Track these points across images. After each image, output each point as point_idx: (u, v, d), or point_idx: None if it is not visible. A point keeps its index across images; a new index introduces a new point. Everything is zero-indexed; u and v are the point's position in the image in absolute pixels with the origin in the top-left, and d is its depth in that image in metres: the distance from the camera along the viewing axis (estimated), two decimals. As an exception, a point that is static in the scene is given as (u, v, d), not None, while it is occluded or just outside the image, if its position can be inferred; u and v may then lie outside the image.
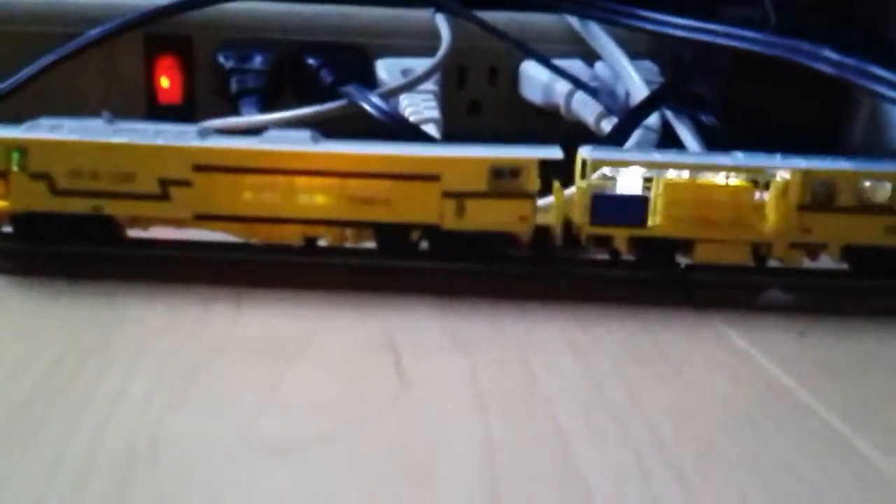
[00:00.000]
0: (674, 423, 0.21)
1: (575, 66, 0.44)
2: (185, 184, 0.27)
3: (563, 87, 0.41)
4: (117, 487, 0.18)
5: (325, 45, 0.43)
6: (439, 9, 0.42)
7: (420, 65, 0.43)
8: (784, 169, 0.27)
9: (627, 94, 0.43)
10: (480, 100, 0.45)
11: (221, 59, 0.42)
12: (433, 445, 0.20)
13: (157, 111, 0.42)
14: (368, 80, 0.42)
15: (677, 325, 0.27)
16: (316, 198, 0.27)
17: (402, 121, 0.37)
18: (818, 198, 0.27)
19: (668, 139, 0.38)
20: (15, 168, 0.27)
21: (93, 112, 0.41)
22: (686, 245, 0.28)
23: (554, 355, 0.24)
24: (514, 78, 0.45)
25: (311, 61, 0.42)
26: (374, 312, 0.27)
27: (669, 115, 0.40)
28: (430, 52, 0.43)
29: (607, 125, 0.39)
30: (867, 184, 0.27)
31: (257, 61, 0.42)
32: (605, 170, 0.27)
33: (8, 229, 0.29)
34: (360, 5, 0.45)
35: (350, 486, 0.18)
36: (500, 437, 0.20)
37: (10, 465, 0.18)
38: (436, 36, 0.43)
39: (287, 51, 0.42)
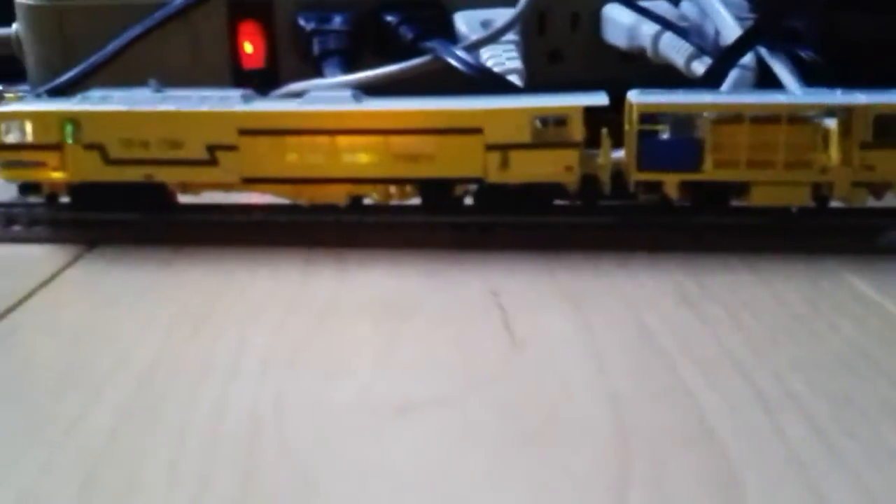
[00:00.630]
0: (804, 375, 0.20)
1: (660, 6, 0.42)
2: (232, 148, 0.27)
3: (649, 28, 0.40)
4: (246, 453, 0.18)
5: (402, 1, 0.42)
6: (518, -43, 0.41)
7: (499, 15, 0.42)
8: (844, 105, 0.26)
9: (717, 33, 0.41)
10: (562, 47, 0.44)
11: (302, 22, 0.41)
12: (555, 406, 0.19)
13: (242, 77, 0.42)
14: (448, 34, 0.42)
15: (792, 272, 0.26)
16: (359, 156, 0.27)
17: (488, 72, 0.36)
18: (881, 134, 0.26)
19: (764, 78, 0.36)
20: (69, 140, 0.28)
21: (182, 82, 0.42)
22: (741, 188, 0.27)
23: (667, 308, 0.24)
24: (596, 22, 0.43)
25: (390, 18, 0.42)
26: (475, 269, 0.27)
27: (764, 52, 0.38)
28: (508, 2, 0.42)
29: (699, 66, 0.38)
30: None
31: (337, 22, 0.41)
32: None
33: (65, 200, 0.29)
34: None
35: (474, 450, 0.18)
36: (623, 396, 0.20)
37: (143, 434, 0.19)
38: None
39: (366, 9, 0.42)
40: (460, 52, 0.36)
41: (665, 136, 0.26)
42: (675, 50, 0.39)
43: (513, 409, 0.19)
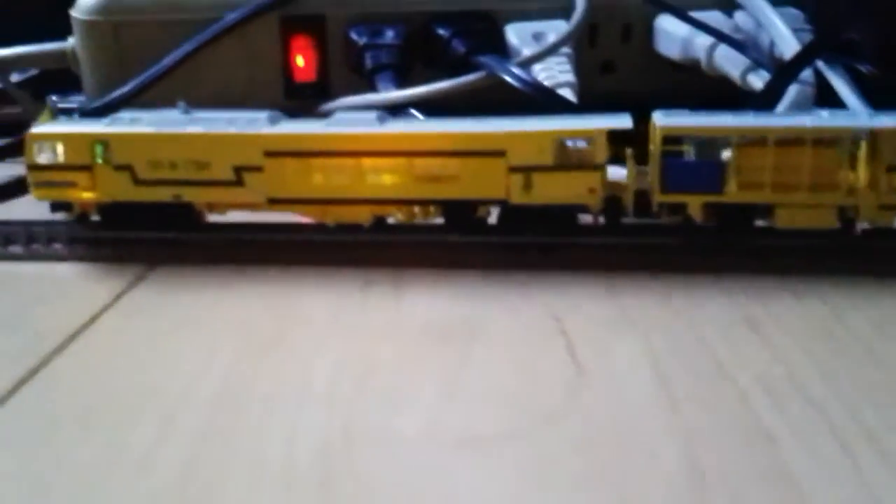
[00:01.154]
0: (876, 406, 0.20)
1: (713, 17, 0.42)
2: (258, 169, 0.28)
3: (703, 41, 0.40)
4: (320, 485, 0.18)
5: (453, 14, 0.42)
6: (571, -31, 0.41)
7: (550, 28, 0.42)
8: (869, 129, 0.26)
9: (772, 44, 0.40)
10: (614, 58, 0.44)
11: (354, 36, 0.42)
12: (625, 440, 0.19)
13: (294, 90, 0.43)
14: (499, 47, 0.42)
15: (859, 297, 0.25)
16: (383, 178, 0.27)
17: (543, 89, 0.36)
18: None
19: (823, 93, 0.36)
20: (99, 161, 0.28)
21: (235, 95, 0.42)
22: (766, 210, 0.27)
23: (733, 334, 0.23)
24: (648, 33, 0.43)
25: (441, 31, 0.42)
26: (535, 291, 0.27)
27: (821, 65, 0.38)
28: (559, 13, 0.42)
29: (755, 79, 0.38)
30: None
31: (389, 35, 0.41)
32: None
33: (96, 219, 0.30)
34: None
35: (544, 485, 0.18)
36: (695, 429, 0.19)
37: (217, 465, 0.19)
38: (565, -4, 0.42)
39: (417, 22, 0.42)
40: (514, 69, 0.36)
41: (688, 158, 0.26)
42: (730, 63, 0.38)
43: (582, 443, 0.19)
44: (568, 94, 0.38)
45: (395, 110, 0.39)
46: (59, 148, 0.29)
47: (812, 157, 0.26)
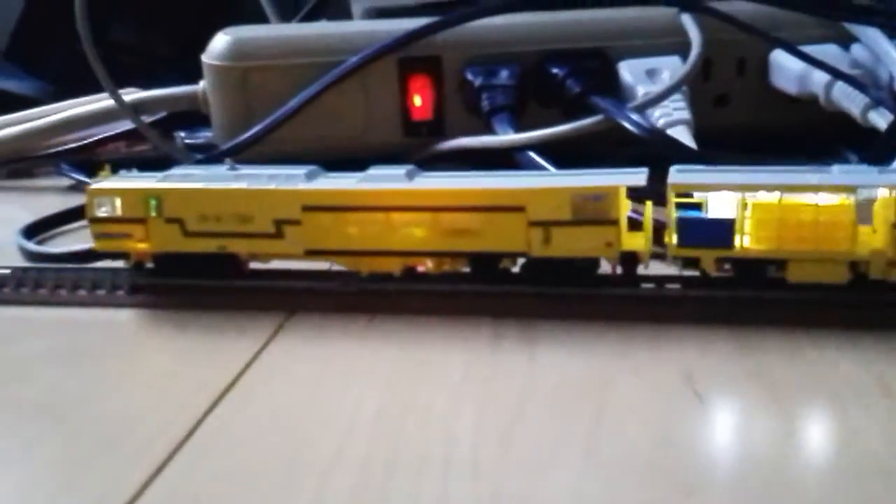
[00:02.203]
0: None
1: (829, 51, 0.42)
2: (296, 223, 0.29)
3: (821, 77, 0.40)
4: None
5: (566, 52, 0.43)
6: (684, 8, 0.41)
7: (664, 64, 0.42)
8: (877, 186, 0.26)
9: (892, 78, 0.40)
10: (728, 92, 0.44)
11: (469, 76, 0.43)
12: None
13: (412, 128, 0.44)
14: (612, 85, 0.42)
15: None
16: (412, 231, 0.29)
17: (660, 135, 0.36)
18: None
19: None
20: (153, 214, 0.30)
21: (355, 134, 0.44)
22: (779, 263, 0.27)
23: (871, 401, 0.24)
24: (763, 67, 0.43)
25: (555, 71, 0.42)
26: (666, 346, 0.27)
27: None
28: (672, 49, 0.42)
29: (876, 117, 0.37)
30: None
31: (503, 75, 0.43)
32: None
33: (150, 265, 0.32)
34: (598, 8, 0.44)
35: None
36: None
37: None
38: (678, 32, 0.42)
39: (531, 61, 0.43)
40: (631, 114, 0.37)
41: (699, 213, 0.27)
42: (850, 100, 0.38)
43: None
44: (683, 132, 0.39)
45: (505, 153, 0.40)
46: (117, 202, 0.31)
47: (819, 213, 0.26)
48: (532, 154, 0.38)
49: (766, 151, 0.44)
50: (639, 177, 0.28)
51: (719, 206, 0.27)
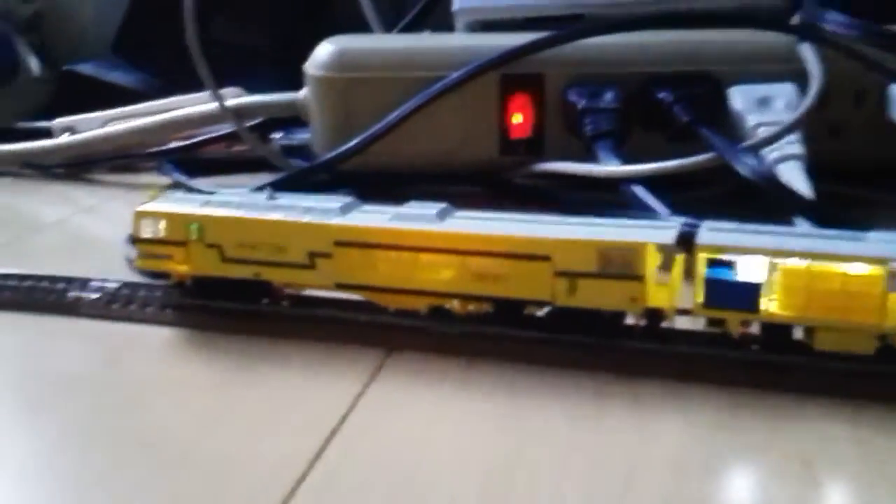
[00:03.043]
0: None
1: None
2: (328, 256, 0.30)
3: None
4: None
5: (673, 75, 0.42)
6: (803, 37, 0.40)
7: (777, 92, 0.41)
8: None
9: None
10: (843, 123, 0.42)
11: (572, 97, 0.42)
12: None
13: (509, 146, 0.44)
14: (720, 110, 0.41)
15: None
16: (440, 272, 0.29)
17: (773, 182, 0.35)
18: None
19: None
20: (194, 238, 0.31)
21: (451, 150, 0.44)
22: (805, 330, 0.27)
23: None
24: (882, 100, 0.41)
25: (661, 95, 0.41)
26: (779, 422, 0.26)
27: None
28: (784, 75, 0.41)
29: None
30: None
31: (607, 98, 0.42)
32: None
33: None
34: (709, 30, 0.43)
35: None
36: None
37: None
38: (793, 59, 0.41)
39: (635, 84, 0.42)
40: (744, 157, 0.35)
41: (728, 274, 0.27)
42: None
43: None
44: (796, 168, 0.37)
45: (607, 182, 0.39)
46: (161, 224, 0.32)
47: (846, 282, 0.26)
48: (638, 190, 0.37)
49: (881, 184, 0.43)
50: (668, 233, 0.27)
51: (749, 267, 0.27)
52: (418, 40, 0.48)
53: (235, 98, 0.48)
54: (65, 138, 0.54)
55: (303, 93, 0.46)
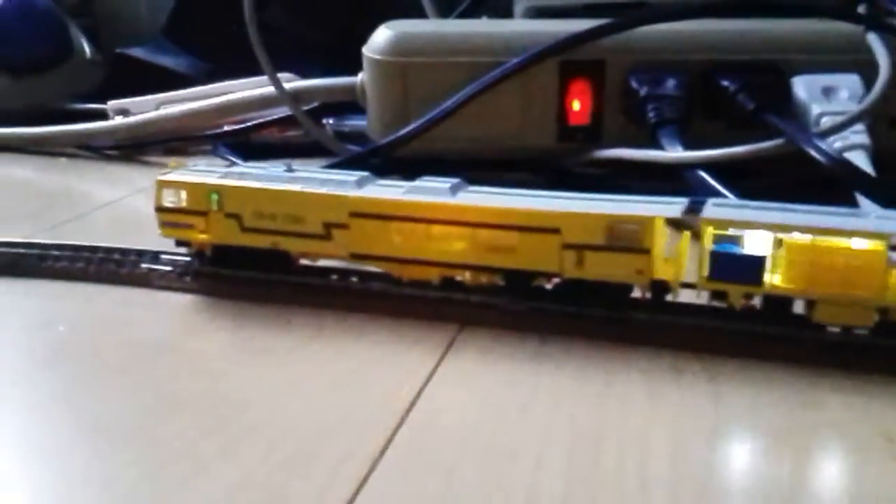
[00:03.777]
0: None
1: None
2: (344, 227, 0.31)
3: None
4: None
5: (737, 63, 0.41)
6: (871, 27, 0.39)
7: (842, 82, 0.40)
8: None
9: None
10: (905, 115, 0.42)
11: (634, 84, 0.42)
12: None
13: (567, 133, 0.44)
14: (786, 102, 0.41)
15: None
16: (452, 243, 0.30)
17: (845, 164, 0.35)
18: None
19: None
20: (214, 208, 0.32)
21: (509, 136, 0.44)
22: (807, 303, 0.27)
23: None
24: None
25: (725, 83, 0.41)
26: (857, 397, 0.26)
27: None
28: (849, 66, 0.40)
29: None
30: None
31: (670, 85, 0.41)
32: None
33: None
34: (774, 18, 0.43)
35: None
36: None
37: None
38: (857, 49, 0.40)
39: (699, 70, 0.42)
40: (816, 141, 0.35)
41: (735, 248, 0.27)
42: None
43: None
44: (861, 157, 0.37)
45: (671, 169, 0.39)
46: (182, 194, 0.32)
47: (849, 256, 0.26)
48: (703, 175, 0.37)
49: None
50: (675, 207, 0.28)
51: (755, 242, 0.27)
52: (477, 26, 0.48)
53: (292, 82, 0.49)
54: (119, 120, 0.54)
55: (360, 77, 0.46)
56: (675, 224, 0.29)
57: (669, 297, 0.29)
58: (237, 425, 0.25)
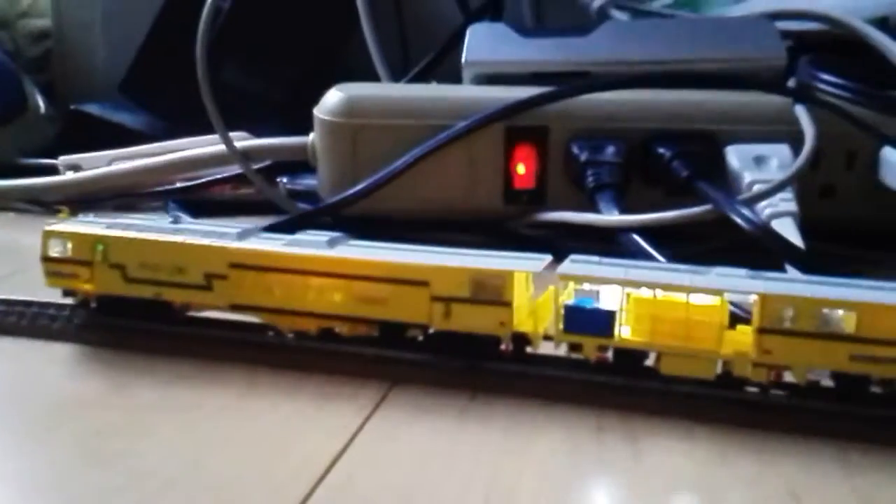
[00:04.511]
0: None
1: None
2: (224, 277, 0.31)
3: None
4: None
5: (674, 133, 0.43)
6: (798, 99, 0.41)
7: (773, 151, 0.42)
8: (748, 292, 0.27)
9: None
10: (835, 183, 0.44)
11: (575, 149, 0.43)
12: None
13: (513, 195, 0.45)
14: (717, 167, 0.42)
15: None
16: (328, 295, 0.31)
17: (768, 232, 0.36)
18: (777, 322, 0.27)
19: None
20: (98, 258, 0.33)
21: (456, 198, 0.45)
22: (656, 356, 0.29)
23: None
24: (873, 163, 0.43)
25: (661, 151, 0.43)
26: (769, 457, 0.26)
27: None
28: (780, 136, 0.42)
29: None
30: (826, 311, 0.26)
31: (609, 152, 0.43)
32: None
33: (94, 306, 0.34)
34: (709, 90, 0.45)
35: None
36: None
37: None
38: (788, 120, 0.42)
39: (636, 139, 0.43)
40: (741, 208, 0.37)
41: (583, 303, 0.29)
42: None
43: None
44: (789, 224, 0.38)
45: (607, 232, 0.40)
46: (68, 244, 0.33)
47: (689, 312, 0.28)
48: (637, 238, 0.38)
49: (871, 246, 0.44)
50: (537, 263, 0.29)
51: (608, 297, 0.29)
52: (426, 90, 0.49)
53: (243, 141, 0.49)
54: (70, 175, 0.54)
55: (311, 137, 0.47)
56: (533, 278, 0.30)
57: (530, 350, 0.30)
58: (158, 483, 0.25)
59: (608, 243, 0.40)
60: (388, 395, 0.30)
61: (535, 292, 0.31)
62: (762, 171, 0.41)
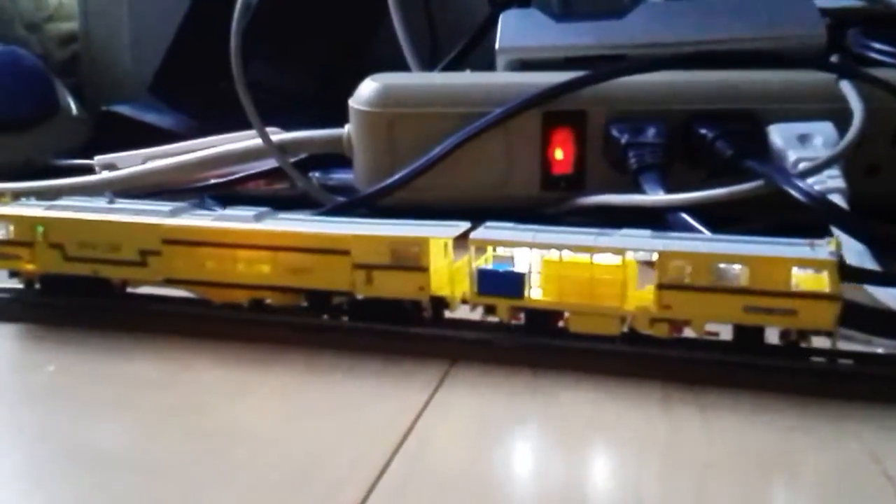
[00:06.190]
0: None
1: None
2: (157, 253, 0.33)
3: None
4: None
5: (714, 112, 0.43)
6: (843, 75, 0.41)
7: (816, 130, 0.42)
8: (651, 250, 0.28)
9: None
10: (880, 162, 0.43)
11: (615, 132, 0.43)
12: None
13: (551, 181, 0.45)
14: (763, 150, 0.42)
15: None
16: (256, 267, 0.32)
17: (826, 203, 0.35)
18: (677, 279, 0.28)
19: None
20: (39, 239, 0.34)
21: (493, 185, 0.45)
22: (561, 315, 0.30)
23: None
24: (919, 138, 0.42)
25: (704, 131, 0.42)
26: (850, 424, 0.26)
27: None
28: (823, 114, 0.42)
29: None
30: (722, 266, 0.27)
31: (650, 133, 0.42)
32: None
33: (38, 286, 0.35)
34: (749, 69, 0.44)
35: None
36: None
37: None
38: (831, 98, 0.42)
39: (677, 120, 0.43)
40: (796, 181, 0.36)
41: (496, 267, 0.30)
42: None
43: None
44: (839, 200, 0.38)
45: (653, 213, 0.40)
46: (10, 227, 0.34)
47: (594, 271, 0.29)
48: (686, 217, 0.37)
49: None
50: (452, 230, 0.31)
51: (521, 260, 0.30)
52: (461, 78, 0.49)
53: (278, 135, 0.49)
54: (106, 174, 0.54)
55: (346, 128, 0.47)
56: (448, 243, 0.31)
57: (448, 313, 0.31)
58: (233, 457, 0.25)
59: (652, 227, 0.39)
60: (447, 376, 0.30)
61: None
62: (806, 149, 0.40)
